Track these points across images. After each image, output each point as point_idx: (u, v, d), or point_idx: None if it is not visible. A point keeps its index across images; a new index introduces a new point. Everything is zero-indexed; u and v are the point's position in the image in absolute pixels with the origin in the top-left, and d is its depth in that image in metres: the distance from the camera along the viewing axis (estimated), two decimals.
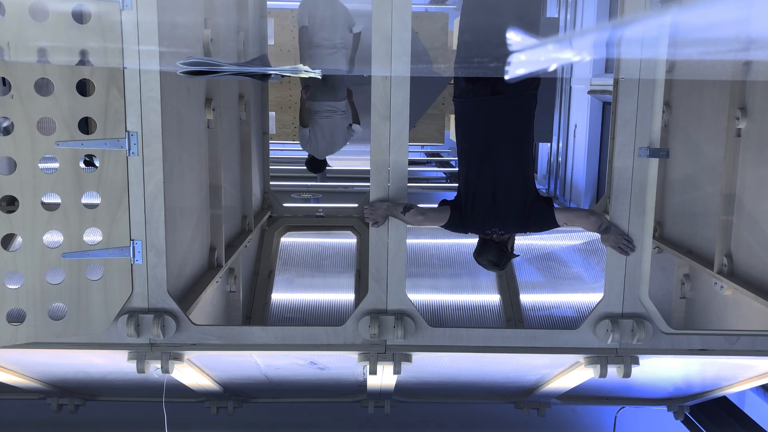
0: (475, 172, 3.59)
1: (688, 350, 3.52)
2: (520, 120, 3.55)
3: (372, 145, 3.35)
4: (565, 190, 9.59)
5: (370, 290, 3.46)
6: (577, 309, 5.25)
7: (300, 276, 5.61)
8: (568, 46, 3.61)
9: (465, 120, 3.67)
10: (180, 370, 3.71)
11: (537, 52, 3.15)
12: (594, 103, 8.71)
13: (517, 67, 3.06)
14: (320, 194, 9.25)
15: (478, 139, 3.59)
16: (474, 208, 3.58)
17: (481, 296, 5.36)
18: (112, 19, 3.01)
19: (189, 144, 3.72)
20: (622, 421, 5.67)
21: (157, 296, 3.29)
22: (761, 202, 4.01)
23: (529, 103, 3.55)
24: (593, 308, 3.51)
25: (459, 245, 5.73)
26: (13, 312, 3.18)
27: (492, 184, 3.54)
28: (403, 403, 5.45)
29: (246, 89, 4.95)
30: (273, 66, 6.38)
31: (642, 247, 3.42)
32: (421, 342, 3.49)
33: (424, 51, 8.81)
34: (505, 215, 3.57)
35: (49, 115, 3.02)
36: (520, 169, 3.56)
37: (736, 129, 4.17)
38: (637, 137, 3.33)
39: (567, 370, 3.99)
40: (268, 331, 3.54)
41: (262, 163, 5.78)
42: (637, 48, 3.22)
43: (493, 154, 3.53)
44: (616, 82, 3.99)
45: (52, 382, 4.82)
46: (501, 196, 3.55)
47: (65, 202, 3.12)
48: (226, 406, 5.35)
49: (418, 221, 3.44)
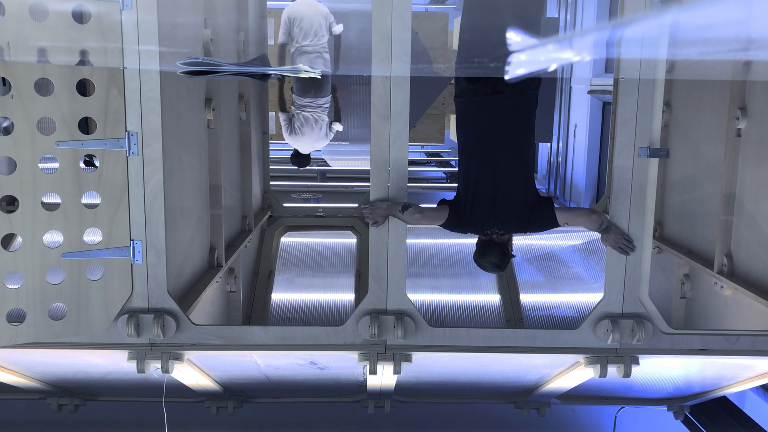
0: (475, 172, 3.58)
1: (688, 350, 3.52)
2: (521, 120, 3.55)
3: (372, 145, 3.35)
4: (565, 190, 9.60)
5: (370, 290, 3.46)
6: (577, 309, 5.25)
7: (300, 276, 5.61)
8: (568, 46, 3.61)
9: (465, 120, 3.66)
10: (180, 370, 3.71)
11: (537, 52, 3.15)
12: (594, 103, 8.71)
13: (518, 67, 3.06)
14: (320, 194, 9.26)
15: (479, 139, 3.58)
16: (474, 208, 3.58)
17: (481, 296, 5.36)
18: (112, 19, 3.01)
19: (189, 144, 3.72)
20: (622, 421, 5.67)
21: (157, 296, 3.29)
22: (761, 202, 4.01)
23: (529, 103, 3.54)
24: (593, 308, 3.51)
25: (459, 245, 5.73)
26: (13, 312, 3.18)
27: (492, 184, 3.53)
28: (403, 403, 5.45)
29: (246, 89, 4.95)
30: (273, 66, 6.41)
31: (642, 247, 3.42)
32: (421, 342, 3.49)
33: (424, 51, 8.80)
34: (505, 215, 3.57)
35: (49, 115, 3.02)
36: (521, 169, 3.55)
37: (736, 129, 4.17)
38: (637, 137, 3.33)
39: (567, 370, 3.99)
40: (268, 331, 3.54)
41: (262, 163, 5.78)
42: (637, 48, 3.22)
43: (494, 154, 3.53)
44: (616, 82, 4.00)
45: (52, 382, 4.82)
46: (501, 196, 3.54)
47: (65, 202, 3.12)
48: (226, 406, 5.35)
49: (416, 219, 3.44)
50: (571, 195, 9.38)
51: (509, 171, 3.53)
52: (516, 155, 3.55)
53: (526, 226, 3.63)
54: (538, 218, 3.58)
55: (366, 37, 3.29)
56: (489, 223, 3.59)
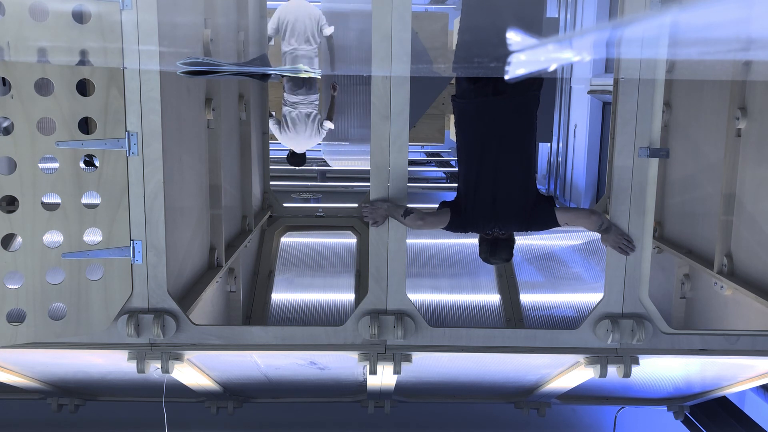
0: (475, 172, 3.58)
1: (688, 350, 3.52)
2: (522, 120, 3.55)
3: (372, 145, 3.35)
4: (565, 190, 9.60)
5: (370, 290, 3.46)
6: (577, 309, 5.25)
7: (300, 276, 5.61)
8: (568, 46, 3.61)
9: (465, 120, 3.65)
10: (180, 370, 3.71)
11: (537, 52, 3.15)
12: (594, 103, 8.72)
13: (518, 67, 3.06)
14: (320, 194, 9.27)
15: (480, 140, 3.58)
16: (475, 208, 3.58)
17: (481, 296, 5.36)
18: (112, 19, 3.01)
19: (189, 144, 3.72)
20: (622, 421, 5.67)
21: (157, 296, 3.29)
22: (761, 202, 4.01)
23: (531, 104, 3.54)
24: (593, 308, 3.51)
25: (459, 245, 5.73)
26: (13, 312, 3.18)
27: (493, 184, 3.53)
28: (403, 403, 5.45)
29: (246, 89, 4.95)
30: (273, 66, 6.42)
31: (642, 247, 3.42)
32: (421, 342, 3.49)
33: (424, 51, 8.80)
34: (506, 215, 3.57)
35: (49, 115, 3.02)
36: (522, 170, 3.55)
37: (736, 129, 4.17)
38: (637, 137, 3.33)
39: (567, 370, 3.99)
40: (268, 331, 3.54)
41: (262, 163, 5.78)
42: (637, 48, 3.22)
43: (495, 154, 3.52)
44: (616, 82, 3.99)
45: (52, 382, 4.82)
46: (502, 196, 3.54)
47: (65, 202, 3.12)
48: (226, 406, 5.35)
49: (418, 226, 3.44)
50: (571, 195, 9.39)
51: (510, 171, 3.53)
52: (517, 156, 3.55)
53: (527, 225, 3.64)
54: (538, 218, 3.58)
55: (366, 37, 3.29)
56: (490, 223, 3.59)
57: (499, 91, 3.45)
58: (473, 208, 3.58)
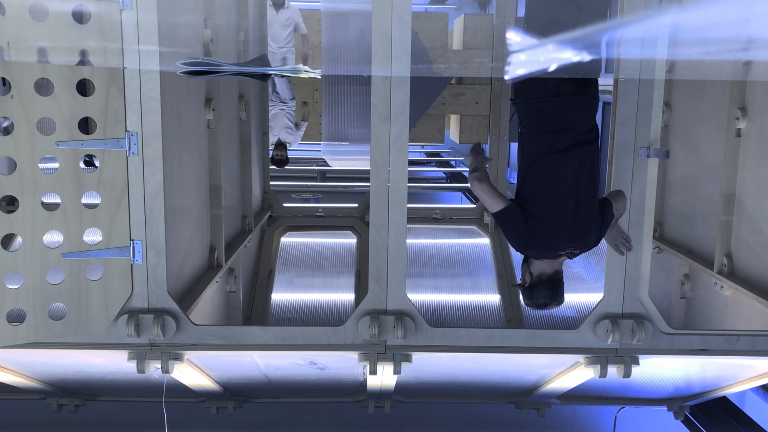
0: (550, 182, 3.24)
1: (688, 350, 3.52)
2: (594, 123, 3.33)
3: (372, 145, 3.34)
4: None
5: (370, 290, 3.46)
6: (577, 309, 5.24)
7: (300, 276, 5.61)
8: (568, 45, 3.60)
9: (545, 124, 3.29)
10: (180, 370, 3.71)
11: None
12: None
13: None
14: (320, 194, 9.27)
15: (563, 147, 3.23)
16: (552, 227, 3.26)
17: (481, 296, 5.36)
18: (112, 19, 3.01)
19: (189, 144, 3.72)
20: (622, 421, 5.67)
21: (157, 296, 3.29)
22: (761, 202, 4.01)
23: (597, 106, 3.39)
24: (593, 308, 3.51)
25: (459, 245, 5.73)
26: (13, 312, 3.18)
27: (575, 196, 3.24)
28: (403, 403, 5.45)
29: (246, 89, 4.95)
30: (273, 66, 6.43)
31: (642, 247, 3.42)
32: (421, 342, 3.49)
33: (424, 51, 8.79)
34: (587, 230, 3.28)
35: (49, 115, 3.02)
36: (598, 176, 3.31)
37: (736, 129, 4.17)
38: (637, 137, 3.33)
39: (567, 370, 3.99)
40: (268, 331, 3.54)
41: (262, 163, 5.78)
42: (637, 48, 3.22)
43: (578, 160, 3.25)
44: (616, 82, 4.00)
45: (52, 382, 4.82)
46: (582, 207, 3.25)
47: (65, 202, 3.12)
48: (226, 406, 5.35)
49: (473, 186, 3.34)
50: None
51: (593, 179, 3.28)
52: (597, 162, 3.33)
53: (600, 235, 3.35)
54: (607, 223, 3.33)
55: (366, 37, 3.29)
56: (567, 242, 3.28)
57: (580, 91, 3.25)
58: (551, 226, 3.24)
